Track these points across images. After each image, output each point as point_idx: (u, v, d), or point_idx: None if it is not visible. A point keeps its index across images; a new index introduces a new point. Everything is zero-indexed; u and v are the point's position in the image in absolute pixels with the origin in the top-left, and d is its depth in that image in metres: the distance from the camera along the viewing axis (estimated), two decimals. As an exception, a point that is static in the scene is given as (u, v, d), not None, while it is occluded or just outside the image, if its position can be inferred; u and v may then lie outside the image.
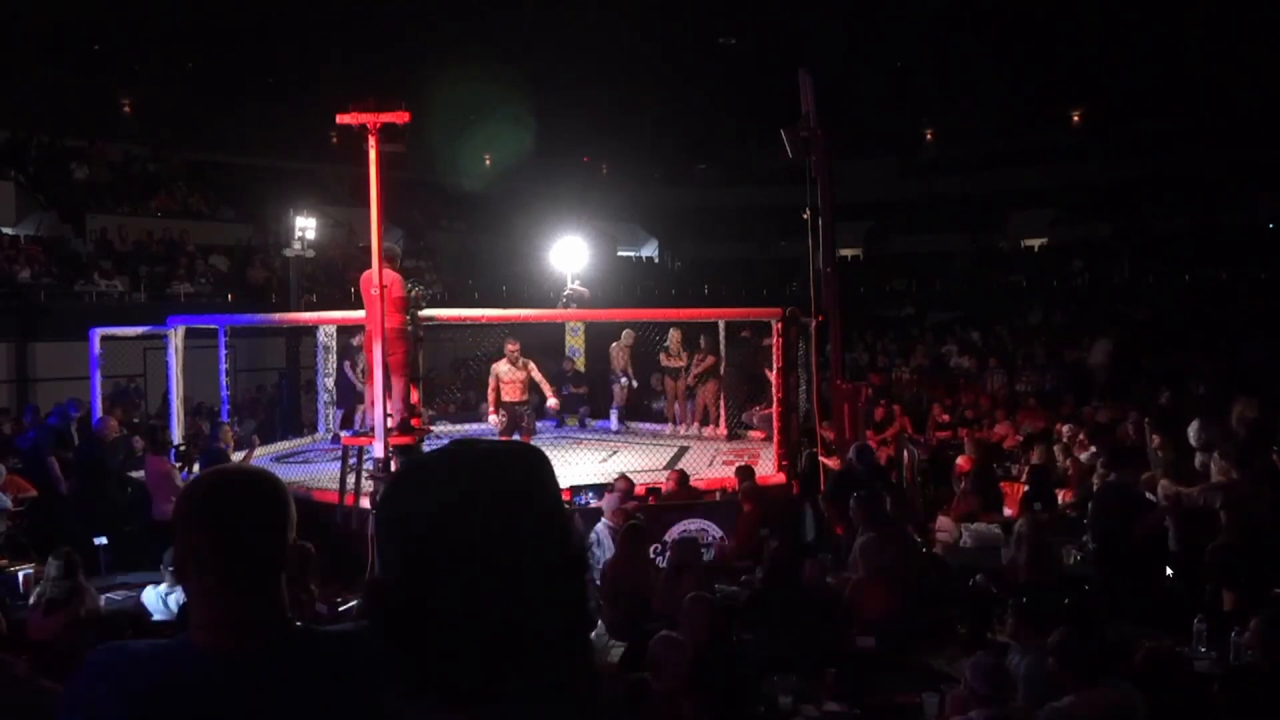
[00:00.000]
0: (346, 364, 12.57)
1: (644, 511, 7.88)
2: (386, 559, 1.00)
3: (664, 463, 10.69)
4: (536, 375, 11.22)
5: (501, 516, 0.96)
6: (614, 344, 13.51)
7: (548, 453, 1.07)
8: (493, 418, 11.02)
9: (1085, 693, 3.83)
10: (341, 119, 7.48)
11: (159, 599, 6.68)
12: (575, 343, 14.70)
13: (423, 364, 9.02)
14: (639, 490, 8.60)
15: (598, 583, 6.59)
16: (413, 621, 0.95)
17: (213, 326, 12.24)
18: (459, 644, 0.94)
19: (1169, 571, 6.50)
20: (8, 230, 18.44)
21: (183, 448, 9.90)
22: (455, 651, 0.94)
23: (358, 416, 9.73)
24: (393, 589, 0.97)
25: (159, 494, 8.99)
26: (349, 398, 12.09)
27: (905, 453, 9.76)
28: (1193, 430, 7.48)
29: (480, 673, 0.94)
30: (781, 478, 9.69)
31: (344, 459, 8.40)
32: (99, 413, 11.28)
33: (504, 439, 8.46)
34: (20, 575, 7.46)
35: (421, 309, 8.66)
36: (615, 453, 11.62)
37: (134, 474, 10.09)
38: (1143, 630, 5.05)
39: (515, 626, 0.94)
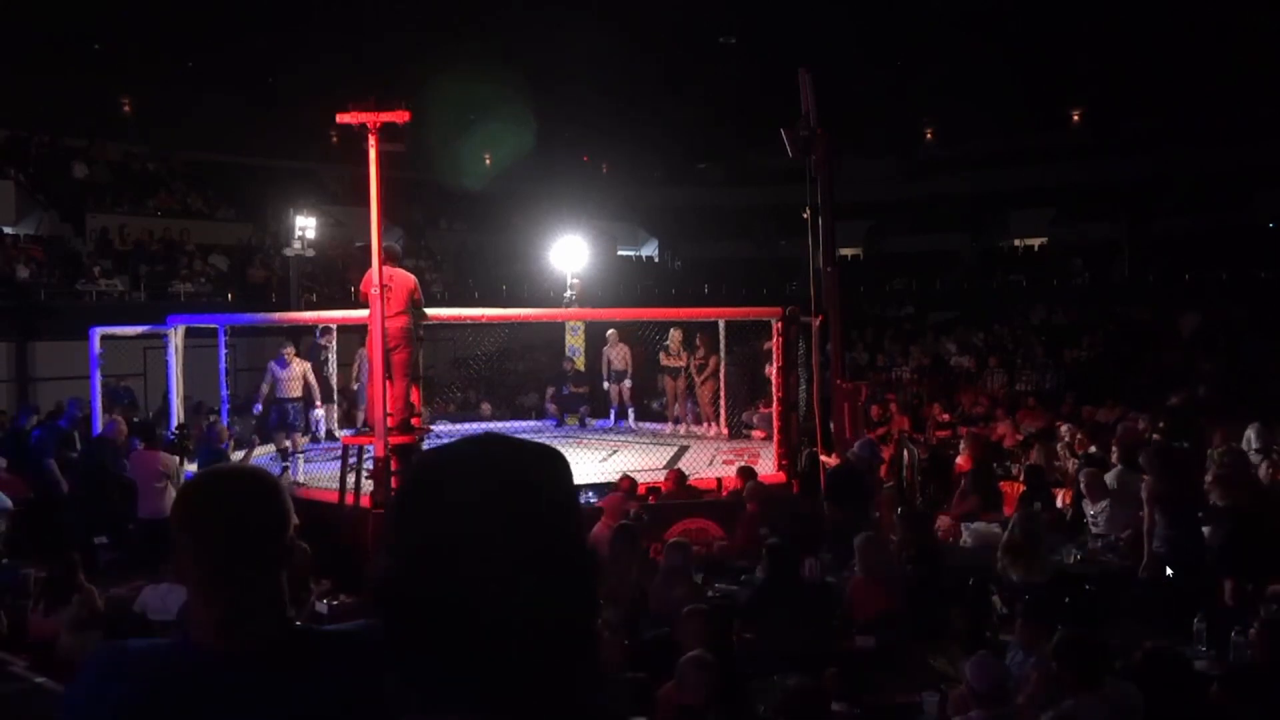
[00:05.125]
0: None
1: (645, 511, 7.87)
2: (398, 553, 0.99)
3: (664, 462, 10.67)
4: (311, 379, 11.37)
5: (520, 514, 0.96)
6: (605, 347, 13.50)
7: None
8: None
9: (1087, 696, 3.82)
10: (341, 118, 7.50)
11: (159, 599, 6.67)
12: (575, 342, 14.70)
13: (421, 363, 9.03)
14: (639, 489, 8.59)
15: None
16: (422, 617, 0.95)
17: (213, 326, 12.23)
18: (468, 641, 0.94)
19: (1169, 571, 6.48)
20: (8, 230, 18.45)
21: (176, 438, 9.86)
22: (465, 648, 0.94)
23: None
24: (403, 584, 0.97)
25: (148, 490, 8.87)
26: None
27: (905, 452, 9.76)
28: (1252, 432, 7.44)
29: (488, 670, 0.94)
30: (782, 477, 9.69)
31: (344, 458, 8.42)
32: (99, 413, 11.27)
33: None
34: (21, 575, 7.46)
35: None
36: (615, 452, 11.61)
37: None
38: (1142, 629, 5.05)
39: (524, 623, 0.94)
